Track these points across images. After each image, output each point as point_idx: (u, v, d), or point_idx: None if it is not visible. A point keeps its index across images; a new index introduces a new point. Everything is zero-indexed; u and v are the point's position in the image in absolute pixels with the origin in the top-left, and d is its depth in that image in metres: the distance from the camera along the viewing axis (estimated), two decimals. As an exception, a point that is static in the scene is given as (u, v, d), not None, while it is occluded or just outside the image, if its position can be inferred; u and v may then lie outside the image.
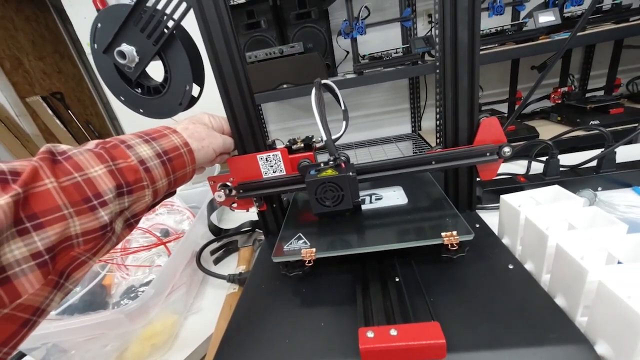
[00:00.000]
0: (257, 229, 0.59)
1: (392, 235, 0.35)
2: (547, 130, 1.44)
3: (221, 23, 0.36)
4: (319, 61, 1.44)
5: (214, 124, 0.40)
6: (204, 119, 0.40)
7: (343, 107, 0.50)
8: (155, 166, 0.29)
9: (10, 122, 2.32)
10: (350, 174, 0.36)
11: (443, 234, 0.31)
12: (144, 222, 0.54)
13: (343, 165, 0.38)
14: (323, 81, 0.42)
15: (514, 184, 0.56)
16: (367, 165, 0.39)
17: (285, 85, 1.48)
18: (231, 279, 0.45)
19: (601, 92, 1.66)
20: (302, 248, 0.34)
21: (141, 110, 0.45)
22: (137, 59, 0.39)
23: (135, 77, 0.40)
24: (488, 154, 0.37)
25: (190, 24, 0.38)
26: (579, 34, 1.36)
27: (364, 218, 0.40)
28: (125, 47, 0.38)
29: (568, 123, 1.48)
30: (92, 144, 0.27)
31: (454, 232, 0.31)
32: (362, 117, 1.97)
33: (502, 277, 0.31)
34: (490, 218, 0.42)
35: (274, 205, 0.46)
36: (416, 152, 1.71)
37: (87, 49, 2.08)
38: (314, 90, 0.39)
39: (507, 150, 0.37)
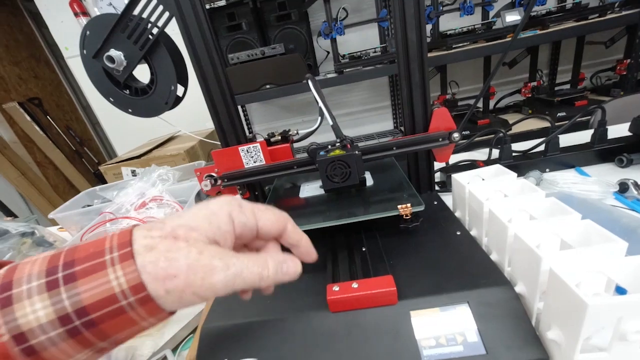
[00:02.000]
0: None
1: (357, 210, 0.40)
2: (519, 123, 1.54)
3: (200, 29, 0.40)
4: (301, 61, 1.48)
5: (236, 222, 0.22)
6: (221, 219, 0.21)
7: (319, 105, 0.55)
8: (52, 341, 0.17)
9: (-13, 129, 2.27)
10: (357, 152, 0.40)
11: (399, 206, 0.37)
12: (135, 215, 0.58)
13: (349, 145, 0.43)
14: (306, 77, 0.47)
15: (475, 168, 0.62)
16: (368, 146, 0.44)
17: (268, 86, 1.52)
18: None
19: (568, 86, 1.77)
20: None
21: (130, 110, 0.48)
22: (124, 63, 0.43)
23: (124, 80, 0.44)
24: (440, 139, 0.43)
25: (173, 30, 0.42)
26: (544, 31, 1.46)
27: (334, 199, 0.45)
28: (113, 53, 0.42)
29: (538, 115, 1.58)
30: None
31: (408, 205, 0.36)
32: (344, 115, 2.03)
33: (450, 241, 0.37)
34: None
35: (256, 193, 0.51)
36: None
37: (65, 53, 2.06)
38: (311, 83, 0.45)
39: (456, 135, 0.43)
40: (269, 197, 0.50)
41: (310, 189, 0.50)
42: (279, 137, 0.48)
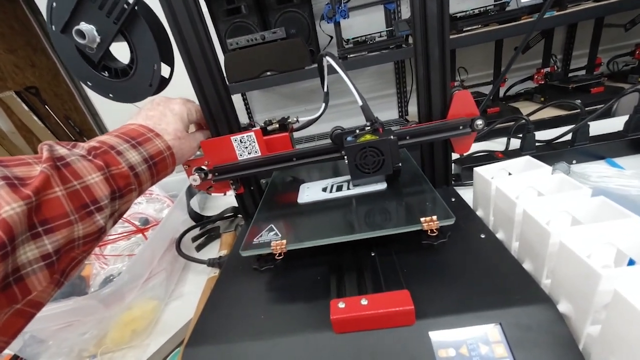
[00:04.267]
0: (239, 215, 0.58)
1: (368, 222, 0.33)
2: (531, 111, 1.47)
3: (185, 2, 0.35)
4: (303, 47, 1.41)
5: (190, 119, 0.40)
6: (183, 116, 0.39)
7: (325, 90, 0.49)
8: (143, 171, 0.31)
9: (-16, 119, 2.23)
10: (392, 137, 0.34)
11: (422, 219, 0.30)
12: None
13: (381, 130, 0.36)
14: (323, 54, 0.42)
15: (493, 160, 0.57)
16: (404, 131, 0.38)
17: (268, 73, 1.45)
18: (211, 263, 0.44)
19: (583, 72, 1.68)
20: (272, 240, 0.32)
21: (111, 95, 0.43)
22: (98, 39, 0.37)
23: (99, 59, 0.39)
24: (461, 127, 0.37)
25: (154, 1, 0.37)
26: (562, 12, 1.37)
27: (341, 205, 0.38)
28: (84, 26, 0.36)
29: (551, 103, 1.50)
30: (83, 149, 0.28)
31: (434, 217, 0.30)
32: (346, 104, 1.95)
33: (473, 246, 0.32)
34: (469, 194, 0.43)
35: (252, 188, 0.46)
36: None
37: (61, 40, 1.99)
38: (331, 59, 0.39)
39: (479, 123, 0.37)
40: (263, 198, 0.44)
41: (311, 193, 0.42)
42: (277, 126, 0.43)
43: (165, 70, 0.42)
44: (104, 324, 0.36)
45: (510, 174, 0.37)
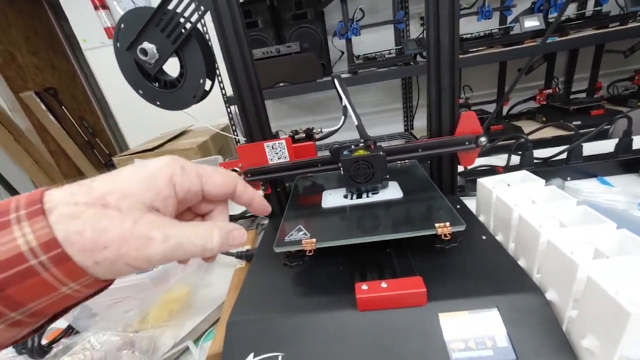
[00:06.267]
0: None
1: (389, 226, 0.37)
2: (531, 130, 1.52)
3: (234, 23, 0.41)
4: (315, 61, 1.48)
5: (181, 187, 0.21)
6: (159, 176, 0.20)
7: (343, 103, 0.55)
8: None
9: (4, 117, 2.31)
10: (381, 153, 0.40)
11: (436, 224, 0.33)
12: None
13: (372, 146, 0.42)
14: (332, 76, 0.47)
15: (494, 174, 0.62)
16: (393, 147, 0.44)
17: (282, 84, 1.52)
18: (239, 255, 0.49)
19: (584, 95, 1.74)
20: (302, 239, 0.35)
21: (158, 103, 0.49)
22: (157, 56, 0.43)
23: (154, 73, 0.45)
24: (467, 143, 0.43)
25: (204, 24, 0.43)
26: (563, 38, 1.44)
27: (362, 211, 0.42)
28: (146, 45, 0.42)
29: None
30: None
31: (447, 223, 0.33)
32: (362, 115, 2.02)
33: (476, 246, 0.37)
34: (471, 203, 0.48)
35: (278, 190, 0.51)
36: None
37: (83, 45, 2.09)
38: (337, 82, 0.45)
39: (483, 140, 0.42)
40: (289, 201, 0.48)
41: (334, 199, 0.45)
42: (303, 135, 0.48)
43: (207, 84, 0.48)
44: (147, 302, 0.41)
45: (509, 185, 0.42)
